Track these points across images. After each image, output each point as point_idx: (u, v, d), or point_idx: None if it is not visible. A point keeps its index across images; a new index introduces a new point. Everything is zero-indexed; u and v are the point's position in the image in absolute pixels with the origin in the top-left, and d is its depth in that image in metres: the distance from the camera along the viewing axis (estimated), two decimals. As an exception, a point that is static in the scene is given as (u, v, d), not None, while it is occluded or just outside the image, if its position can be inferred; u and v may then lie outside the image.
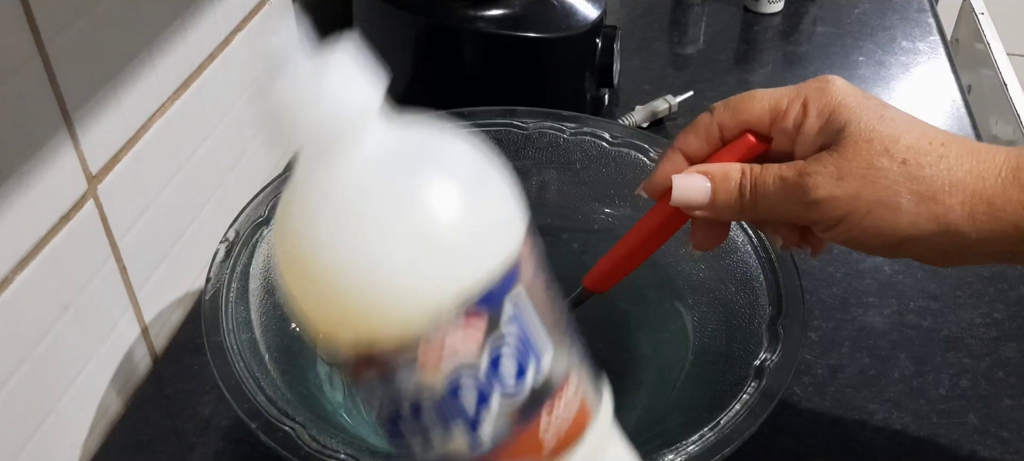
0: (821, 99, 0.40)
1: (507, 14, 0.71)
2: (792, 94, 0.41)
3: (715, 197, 0.41)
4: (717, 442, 0.41)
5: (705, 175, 0.41)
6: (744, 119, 0.41)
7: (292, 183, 0.29)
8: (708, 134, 0.42)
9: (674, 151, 0.43)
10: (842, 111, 0.39)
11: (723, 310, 0.50)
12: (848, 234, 0.39)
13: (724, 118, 0.42)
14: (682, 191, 0.41)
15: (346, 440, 0.41)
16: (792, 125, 0.40)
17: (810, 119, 0.40)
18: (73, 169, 0.48)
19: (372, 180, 0.28)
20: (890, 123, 0.38)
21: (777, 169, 0.40)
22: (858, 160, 0.38)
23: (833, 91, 0.40)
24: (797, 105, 0.40)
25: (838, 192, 0.38)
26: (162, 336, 0.60)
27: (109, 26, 0.49)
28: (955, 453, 0.53)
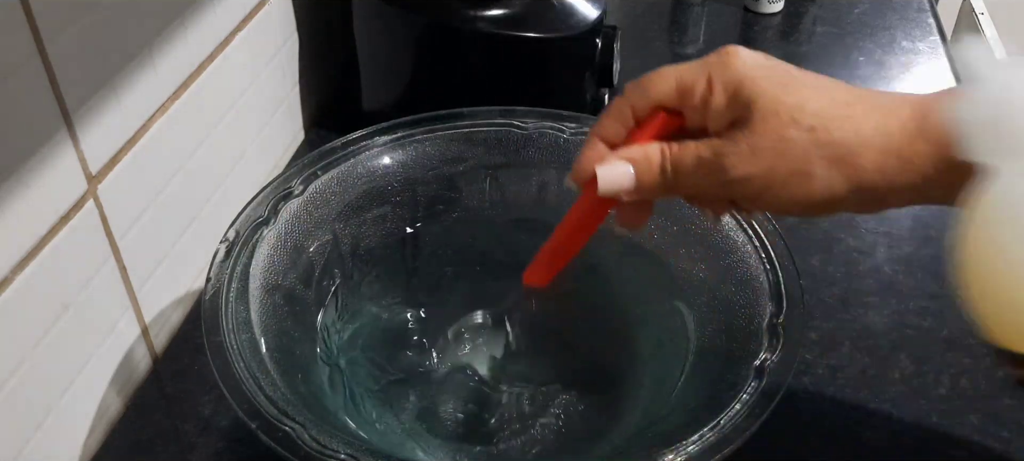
0: (724, 74, 0.40)
1: (507, 14, 0.71)
2: (697, 70, 0.41)
3: (639, 180, 0.42)
4: (717, 442, 0.41)
5: (627, 160, 0.42)
6: (653, 97, 0.42)
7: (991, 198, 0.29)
8: (622, 116, 0.43)
9: (592, 138, 0.44)
10: (747, 85, 0.39)
11: (723, 310, 0.50)
12: (768, 205, 0.41)
13: (635, 98, 0.43)
14: (607, 180, 0.42)
15: (346, 440, 0.41)
16: (699, 102, 0.41)
17: (717, 95, 0.40)
18: (73, 169, 0.49)
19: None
20: (795, 91, 0.39)
21: (694, 148, 0.41)
22: (768, 135, 0.39)
23: (736, 64, 0.40)
24: (702, 81, 0.41)
25: (753, 169, 0.39)
26: (162, 336, 0.60)
27: (109, 26, 0.49)
28: (955, 453, 0.53)
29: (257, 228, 0.51)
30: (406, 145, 0.58)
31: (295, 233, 0.53)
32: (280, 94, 0.74)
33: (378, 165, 0.57)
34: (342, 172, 0.56)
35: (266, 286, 0.50)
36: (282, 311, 0.50)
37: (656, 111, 0.42)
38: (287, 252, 0.52)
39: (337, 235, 0.56)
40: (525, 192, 0.60)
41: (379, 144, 0.57)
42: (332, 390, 0.51)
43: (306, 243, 0.54)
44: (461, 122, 0.59)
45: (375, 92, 0.78)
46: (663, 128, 0.42)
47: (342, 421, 0.48)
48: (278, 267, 0.51)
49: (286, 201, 0.53)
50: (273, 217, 0.52)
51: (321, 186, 0.55)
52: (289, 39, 0.75)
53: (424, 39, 0.73)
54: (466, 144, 0.59)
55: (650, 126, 0.42)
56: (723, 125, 0.40)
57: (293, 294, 0.52)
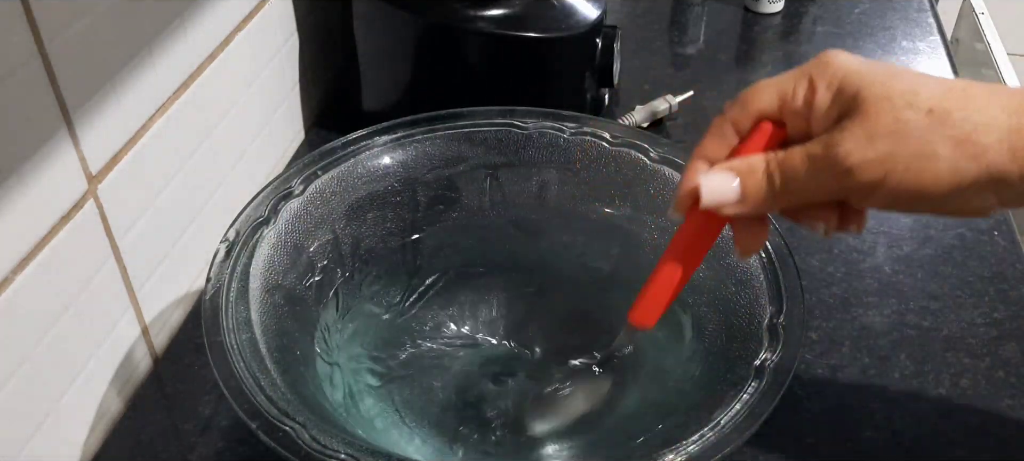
0: (826, 72, 0.39)
1: (507, 14, 0.71)
2: (796, 75, 0.40)
3: (745, 190, 0.40)
4: (717, 442, 0.41)
5: (730, 171, 0.40)
6: (754, 110, 0.41)
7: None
8: (723, 134, 0.42)
9: (695, 160, 0.42)
10: (851, 78, 0.38)
11: (723, 310, 0.50)
12: (890, 195, 0.38)
13: (735, 114, 0.41)
14: (711, 191, 0.40)
15: (346, 440, 0.41)
16: (802, 104, 0.40)
17: (820, 94, 0.39)
18: (73, 169, 0.49)
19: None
20: (903, 79, 0.37)
21: (802, 148, 0.39)
22: (883, 119, 0.37)
23: (836, 62, 0.39)
24: (803, 84, 0.40)
25: (871, 154, 0.37)
26: (162, 336, 0.60)
27: (109, 26, 0.49)
28: (955, 453, 0.53)
29: (257, 228, 0.51)
30: (406, 145, 0.58)
31: (295, 233, 0.53)
32: (280, 94, 0.74)
33: (378, 165, 0.57)
34: (342, 172, 0.56)
35: (266, 286, 0.50)
36: (282, 311, 0.50)
37: (758, 124, 0.41)
38: (287, 252, 0.52)
39: (337, 235, 0.56)
40: (525, 192, 0.60)
41: (379, 144, 0.57)
42: (332, 390, 0.51)
43: (306, 243, 0.54)
44: (461, 122, 0.59)
45: (375, 92, 0.78)
46: (769, 141, 0.41)
47: (342, 421, 0.48)
48: (278, 267, 0.51)
49: (286, 201, 0.53)
50: (273, 217, 0.52)
51: (321, 186, 0.55)
52: (289, 39, 0.75)
53: (424, 39, 0.73)
54: (466, 144, 0.59)
55: (755, 139, 0.41)
56: (830, 123, 0.39)
57: (293, 294, 0.52)
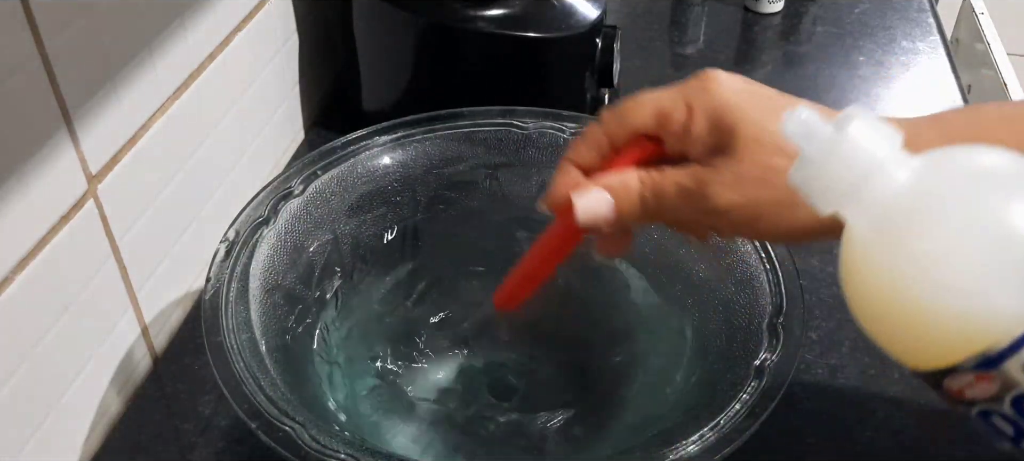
0: (704, 99, 0.39)
1: (507, 14, 0.71)
2: (676, 96, 0.40)
3: (619, 208, 0.41)
4: (717, 442, 0.41)
5: (605, 188, 0.41)
6: (631, 125, 0.41)
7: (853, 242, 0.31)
8: (598, 144, 0.42)
9: (566, 163, 0.42)
10: (728, 112, 0.38)
11: (723, 310, 0.50)
12: (751, 234, 0.40)
13: (612, 126, 0.41)
14: (586, 210, 0.41)
15: (346, 440, 0.41)
16: (680, 128, 0.40)
17: (697, 122, 0.39)
18: (73, 169, 0.49)
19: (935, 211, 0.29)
20: (777, 118, 0.37)
21: (675, 176, 0.39)
22: (753, 164, 0.38)
23: (716, 90, 0.39)
24: (681, 107, 0.39)
25: (738, 199, 0.38)
26: (162, 336, 0.60)
27: (109, 26, 0.49)
28: (955, 453, 0.53)
29: (257, 228, 0.51)
30: (406, 145, 0.58)
31: (295, 233, 0.53)
32: (280, 94, 0.74)
33: (378, 165, 0.57)
34: (342, 172, 0.56)
35: (266, 286, 0.50)
36: (282, 311, 0.50)
37: (634, 138, 0.41)
38: (287, 252, 0.52)
39: (337, 235, 0.56)
40: (525, 192, 0.60)
41: (379, 144, 0.57)
42: (332, 390, 0.51)
43: (306, 243, 0.54)
44: (461, 122, 0.59)
45: (375, 92, 0.78)
46: (642, 156, 0.41)
47: (342, 421, 0.48)
48: (278, 267, 0.51)
49: (286, 201, 0.53)
50: (273, 217, 0.52)
51: (321, 186, 0.55)
52: (289, 39, 0.75)
53: (424, 39, 0.73)
54: (466, 144, 0.59)
55: (628, 153, 0.41)
56: (704, 152, 0.39)
57: (293, 294, 0.52)
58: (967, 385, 0.29)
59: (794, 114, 0.32)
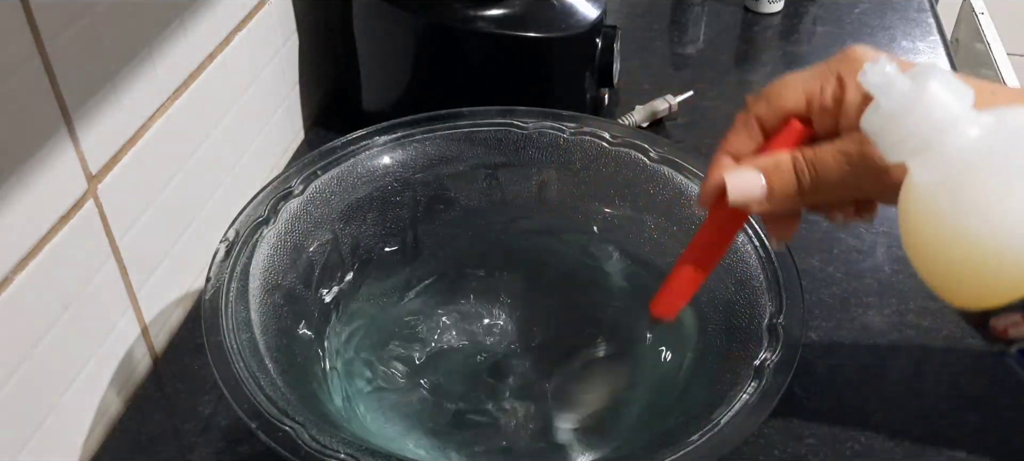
0: (855, 69, 0.39)
1: (507, 14, 0.71)
2: (823, 72, 0.40)
3: (771, 188, 0.40)
4: (717, 442, 0.41)
5: (756, 168, 0.40)
6: (781, 107, 0.41)
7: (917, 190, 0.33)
8: (749, 130, 0.42)
9: (720, 154, 0.42)
10: None
11: (723, 310, 0.50)
12: None
13: (760, 110, 0.41)
14: (738, 189, 0.40)
15: (346, 440, 0.41)
16: (832, 102, 0.40)
17: (850, 91, 0.39)
18: (73, 169, 0.49)
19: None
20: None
21: (834, 146, 0.39)
22: None
23: (866, 60, 0.39)
24: (831, 81, 0.40)
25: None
26: (162, 336, 0.60)
27: (109, 26, 0.49)
28: (955, 453, 0.53)
29: (257, 228, 0.51)
30: (406, 145, 0.58)
31: (295, 233, 0.53)
32: (280, 94, 0.74)
33: (378, 165, 0.57)
34: (342, 172, 0.56)
35: (266, 286, 0.50)
36: (282, 311, 0.50)
37: (786, 121, 0.41)
38: (287, 252, 0.52)
39: (337, 235, 0.56)
40: (525, 192, 0.60)
41: (379, 144, 0.57)
42: (332, 390, 0.51)
43: (306, 243, 0.54)
44: (461, 122, 0.59)
45: (375, 92, 0.78)
46: (797, 138, 0.41)
47: (342, 421, 0.48)
48: (278, 267, 0.51)
49: (286, 201, 0.53)
50: (273, 217, 0.52)
51: (321, 186, 0.55)
52: (289, 39, 0.75)
53: (424, 39, 0.73)
54: (466, 144, 0.59)
55: (784, 136, 0.41)
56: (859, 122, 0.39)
57: (293, 294, 0.52)
58: (1012, 324, 0.32)
59: (877, 65, 0.33)
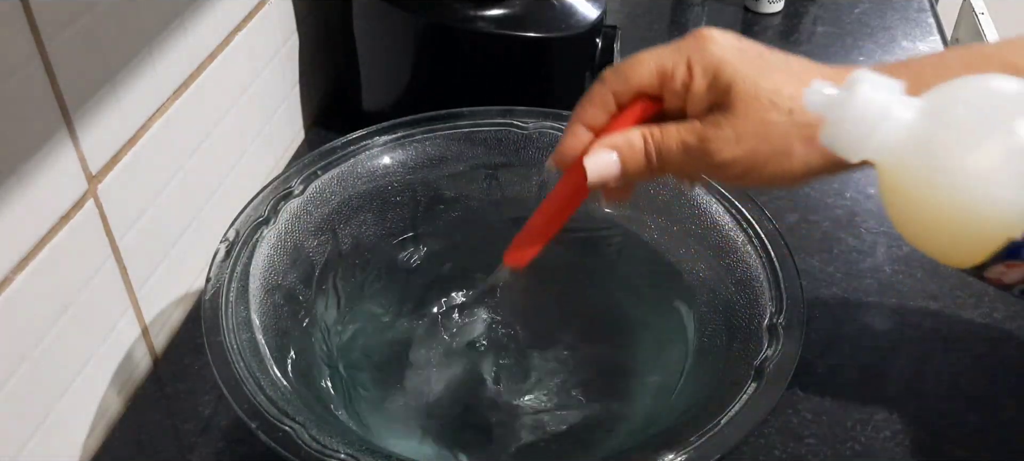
0: (703, 57, 0.41)
1: (507, 14, 0.71)
2: (675, 54, 0.42)
3: (625, 167, 0.43)
4: (717, 442, 0.41)
5: (611, 148, 0.43)
6: (634, 84, 0.43)
7: (885, 177, 0.37)
8: (604, 103, 0.44)
9: (575, 123, 0.45)
10: (725, 69, 0.41)
11: (723, 310, 0.50)
12: (749, 184, 0.43)
13: (616, 85, 0.44)
14: (596, 170, 0.44)
15: (346, 440, 0.41)
16: (680, 86, 0.42)
17: (697, 80, 0.42)
18: (73, 169, 0.49)
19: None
20: (769, 75, 0.41)
21: (677, 133, 0.42)
22: (750, 119, 0.41)
23: (713, 49, 0.41)
24: (682, 66, 0.42)
25: (738, 152, 0.41)
26: (162, 336, 0.60)
27: (109, 26, 0.49)
28: (955, 453, 0.53)
29: (257, 228, 0.51)
30: (406, 145, 0.58)
31: (295, 233, 0.53)
32: (280, 94, 0.74)
33: (378, 165, 0.57)
34: (342, 172, 0.56)
35: (266, 286, 0.50)
36: (282, 311, 0.50)
37: (637, 97, 0.44)
38: (287, 252, 0.52)
39: (337, 235, 0.56)
40: (525, 192, 0.60)
41: (379, 144, 0.57)
42: (332, 390, 0.51)
43: (306, 243, 0.54)
44: (461, 122, 0.59)
45: (375, 92, 0.78)
46: (644, 114, 0.44)
47: (342, 421, 0.48)
48: (278, 267, 0.51)
49: (286, 201, 0.53)
50: (273, 217, 0.52)
51: (321, 186, 0.55)
52: (289, 39, 0.75)
53: (424, 39, 0.73)
54: (466, 144, 0.59)
55: (631, 112, 0.44)
56: (703, 108, 0.42)
57: (293, 294, 0.52)
58: (1002, 273, 0.35)
59: (811, 90, 0.37)
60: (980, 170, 0.34)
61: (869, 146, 0.36)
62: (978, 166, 0.34)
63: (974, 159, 0.34)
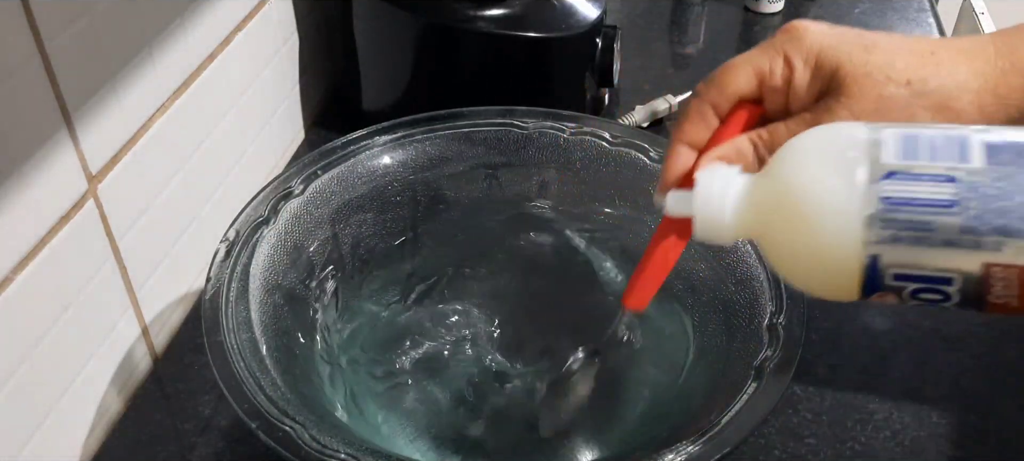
0: (801, 48, 0.40)
1: (507, 14, 0.71)
2: (769, 52, 0.41)
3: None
4: (717, 442, 0.41)
5: (721, 159, 0.41)
6: (732, 91, 0.42)
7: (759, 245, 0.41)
8: (703, 117, 0.42)
9: (676, 144, 0.43)
10: (827, 54, 0.40)
11: (723, 310, 0.50)
12: None
13: (712, 96, 0.42)
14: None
15: (346, 440, 0.41)
16: (781, 82, 0.41)
17: (798, 72, 0.40)
18: (73, 169, 0.49)
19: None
20: (878, 52, 0.39)
21: (788, 130, 0.40)
22: (867, 96, 0.39)
23: (808, 37, 0.40)
24: (779, 62, 0.41)
25: None
26: (162, 336, 0.60)
27: (109, 26, 0.49)
28: (955, 453, 0.53)
29: (257, 228, 0.51)
30: (406, 145, 0.58)
31: (295, 233, 0.53)
32: (280, 94, 0.74)
33: (378, 165, 0.57)
34: (342, 172, 0.56)
35: (266, 286, 0.50)
36: (282, 311, 0.50)
37: (738, 105, 0.42)
38: (287, 252, 0.52)
39: (337, 235, 0.56)
40: (525, 192, 0.60)
41: (379, 144, 0.57)
42: (332, 390, 0.51)
43: (306, 243, 0.54)
44: (461, 122, 0.59)
45: (375, 92, 0.78)
46: (750, 121, 0.42)
47: (342, 421, 0.48)
48: (278, 267, 0.51)
49: (286, 201, 0.53)
50: (273, 217, 0.52)
51: (321, 186, 0.55)
52: (289, 39, 0.75)
53: (424, 39, 0.73)
54: (466, 144, 0.59)
55: (733, 122, 0.42)
56: (810, 99, 0.40)
57: (293, 294, 0.52)
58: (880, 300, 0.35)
59: (669, 199, 0.40)
60: (811, 227, 0.34)
61: (730, 226, 0.37)
62: (810, 223, 0.34)
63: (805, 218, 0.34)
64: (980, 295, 0.33)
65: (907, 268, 0.33)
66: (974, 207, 0.31)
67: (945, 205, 0.32)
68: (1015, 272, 0.31)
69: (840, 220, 0.33)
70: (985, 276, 0.32)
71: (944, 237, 0.32)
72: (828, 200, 0.34)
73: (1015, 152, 0.32)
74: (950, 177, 0.32)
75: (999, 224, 0.31)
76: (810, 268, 0.35)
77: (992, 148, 0.32)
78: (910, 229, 0.32)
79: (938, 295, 0.33)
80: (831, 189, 0.34)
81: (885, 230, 0.33)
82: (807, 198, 0.34)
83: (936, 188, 0.32)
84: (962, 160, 0.32)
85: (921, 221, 0.32)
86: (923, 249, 0.32)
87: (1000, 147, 0.32)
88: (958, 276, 0.32)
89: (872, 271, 0.34)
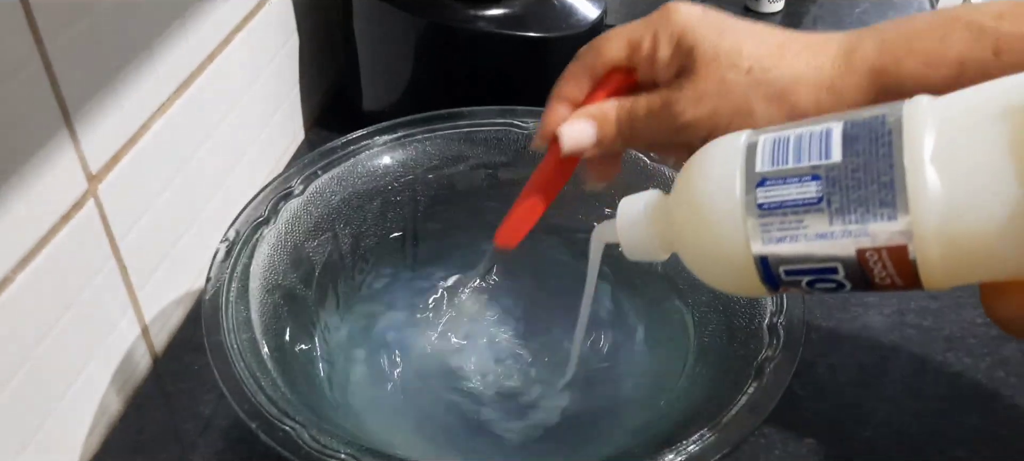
0: (667, 27, 0.43)
1: (507, 14, 0.71)
2: (643, 27, 0.44)
3: (600, 135, 0.45)
4: (717, 442, 0.41)
5: (587, 118, 0.45)
6: (606, 59, 0.45)
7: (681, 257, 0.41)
8: (580, 78, 0.46)
9: (555, 100, 0.47)
10: (687, 34, 0.42)
11: (723, 310, 0.51)
12: None
13: (590, 60, 0.46)
14: (571, 138, 0.45)
15: (346, 440, 0.41)
16: (647, 56, 0.44)
17: (661, 48, 0.43)
18: (73, 169, 0.49)
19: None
20: (730, 37, 0.42)
21: (645, 100, 0.44)
22: (710, 79, 0.42)
23: (676, 17, 0.43)
24: (648, 37, 0.44)
25: (700, 112, 0.42)
26: (162, 336, 0.60)
27: (109, 26, 0.49)
28: (955, 453, 0.53)
29: (257, 228, 0.51)
30: (406, 145, 0.58)
31: (295, 233, 0.53)
32: (280, 94, 0.74)
33: (378, 165, 0.57)
34: (342, 172, 0.56)
35: (266, 286, 0.50)
36: (282, 311, 0.50)
37: (611, 70, 0.45)
38: (287, 252, 0.52)
39: (337, 235, 0.56)
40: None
41: (379, 144, 0.57)
42: (332, 390, 0.51)
43: (306, 243, 0.54)
44: (461, 122, 0.59)
45: (375, 92, 0.78)
46: (618, 86, 0.46)
47: (342, 421, 0.48)
48: (278, 267, 0.51)
49: (286, 201, 0.53)
50: (273, 217, 0.52)
51: (321, 186, 0.55)
52: (289, 39, 0.75)
53: (424, 39, 0.73)
54: (466, 144, 0.59)
55: (606, 85, 0.46)
56: (670, 75, 0.43)
57: (293, 294, 0.52)
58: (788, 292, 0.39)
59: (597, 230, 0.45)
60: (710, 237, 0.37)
61: (655, 243, 0.41)
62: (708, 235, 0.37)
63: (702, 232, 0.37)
64: (865, 278, 0.34)
65: (794, 264, 0.35)
66: (836, 200, 0.33)
67: (813, 203, 0.34)
68: (885, 253, 0.33)
69: (728, 229, 0.36)
70: (861, 261, 0.33)
71: (817, 231, 0.34)
72: (717, 210, 0.36)
73: (868, 140, 0.33)
74: (815, 175, 0.34)
75: (860, 212, 0.33)
76: (718, 273, 0.38)
77: (848, 138, 0.34)
78: (786, 229, 0.34)
79: (831, 283, 0.35)
80: (718, 201, 0.36)
81: (766, 233, 0.35)
82: (702, 210, 0.37)
83: (802, 188, 0.34)
84: (824, 156, 0.34)
85: (795, 220, 0.34)
86: (802, 244, 0.34)
87: (855, 137, 0.34)
88: (840, 265, 0.34)
89: (766, 271, 0.36)
